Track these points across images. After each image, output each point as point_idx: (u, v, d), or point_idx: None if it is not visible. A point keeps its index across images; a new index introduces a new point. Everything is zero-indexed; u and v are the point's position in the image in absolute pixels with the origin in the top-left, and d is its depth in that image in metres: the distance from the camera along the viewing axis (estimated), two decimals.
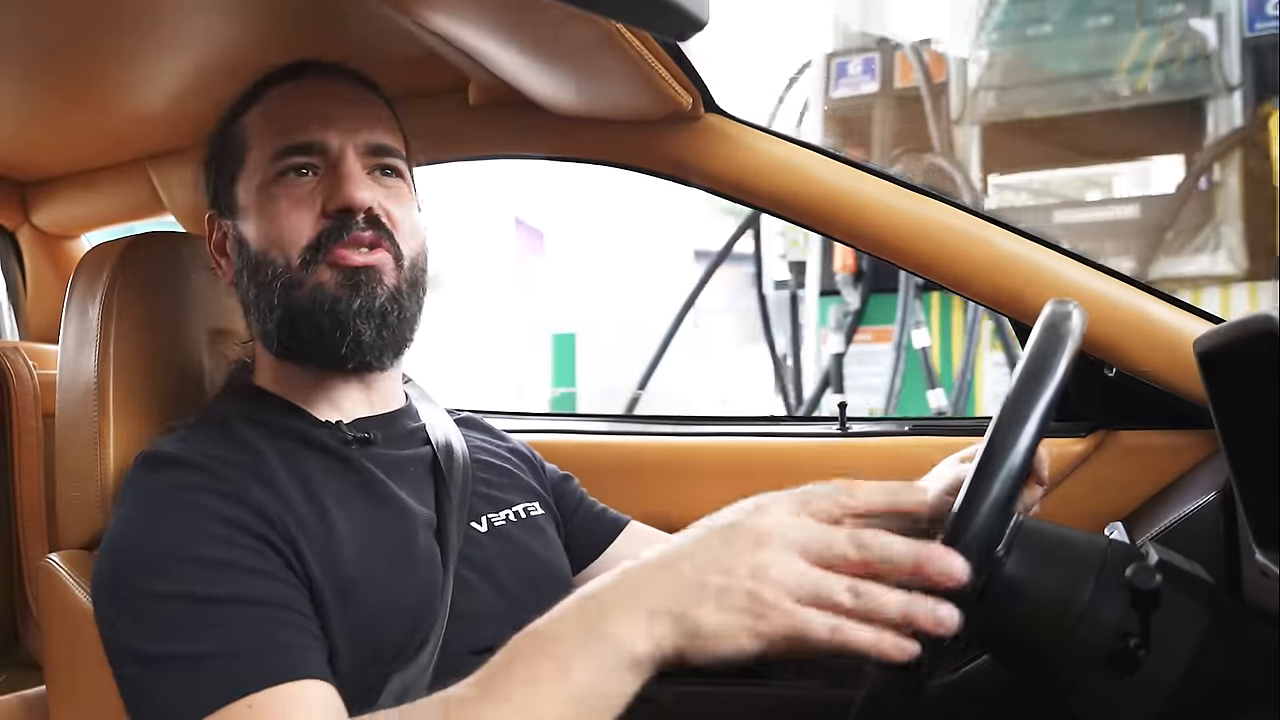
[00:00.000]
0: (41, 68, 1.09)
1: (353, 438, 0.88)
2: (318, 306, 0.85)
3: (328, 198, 0.85)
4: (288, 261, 0.85)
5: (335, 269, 0.85)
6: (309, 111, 0.88)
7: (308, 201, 0.86)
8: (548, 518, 0.99)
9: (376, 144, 0.90)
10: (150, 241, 0.98)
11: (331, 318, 0.85)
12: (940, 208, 1.14)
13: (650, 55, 0.97)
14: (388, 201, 0.88)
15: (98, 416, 0.91)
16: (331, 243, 0.85)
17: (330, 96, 0.90)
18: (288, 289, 0.85)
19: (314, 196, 0.86)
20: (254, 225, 0.88)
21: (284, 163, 0.87)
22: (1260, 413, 0.76)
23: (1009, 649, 0.77)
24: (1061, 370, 0.69)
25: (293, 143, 0.86)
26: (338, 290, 0.84)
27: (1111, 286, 1.11)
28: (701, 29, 0.52)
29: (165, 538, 0.74)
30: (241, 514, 0.75)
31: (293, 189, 0.86)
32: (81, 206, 1.52)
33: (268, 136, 0.88)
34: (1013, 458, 0.67)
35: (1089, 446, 1.15)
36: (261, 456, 0.82)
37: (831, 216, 1.16)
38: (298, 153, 0.86)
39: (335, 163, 0.86)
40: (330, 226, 0.85)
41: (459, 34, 0.95)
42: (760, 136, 1.16)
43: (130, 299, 0.93)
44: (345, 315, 0.84)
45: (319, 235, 0.85)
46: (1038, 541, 0.74)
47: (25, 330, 1.62)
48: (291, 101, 0.90)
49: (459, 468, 0.92)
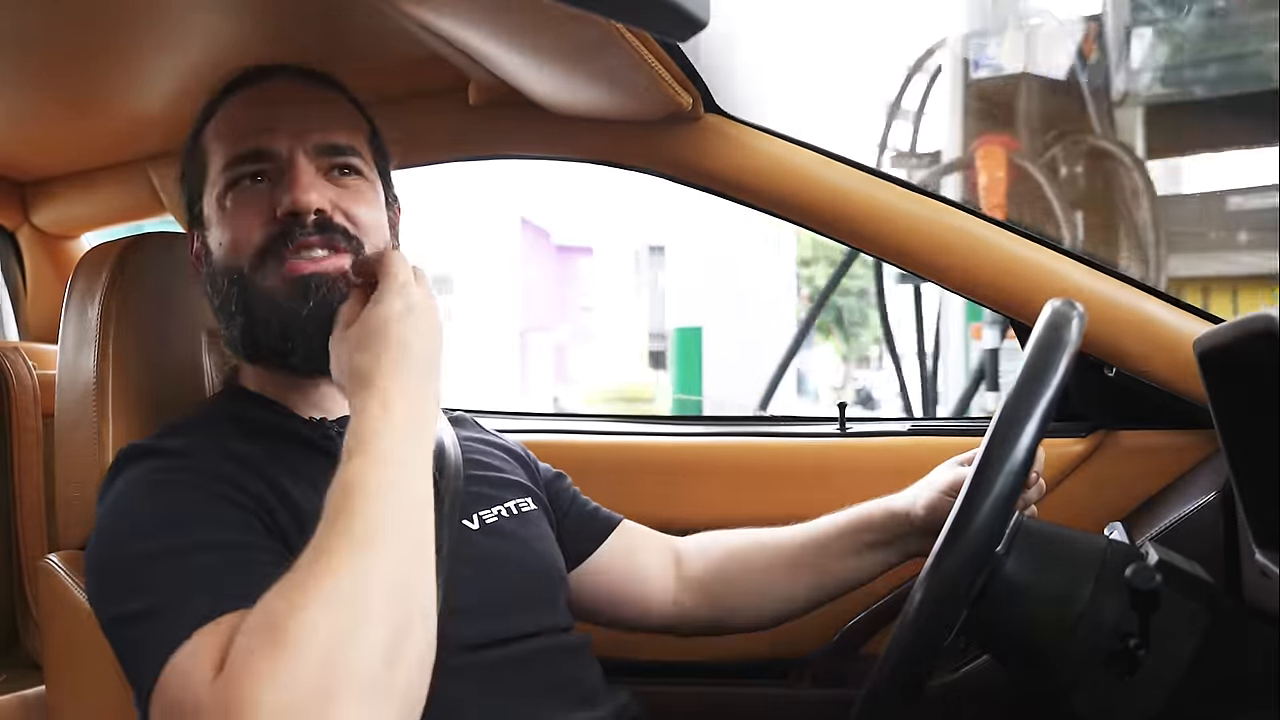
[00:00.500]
0: (42, 68, 1.09)
1: (337, 434, 0.87)
2: (271, 312, 0.85)
3: (277, 202, 0.84)
4: (240, 268, 0.85)
5: (281, 277, 0.84)
6: (258, 117, 0.87)
7: (258, 207, 0.85)
8: (540, 513, 0.99)
9: (329, 144, 0.88)
10: (150, 241, 0.98)
11: (283, 325, 0.84)
12: (941, 208, 1.14)
13: (650, 55, 0.97)
14: (345, 201, 0.87)
15: (97, 416, 0.91)
16: (280, 248, 0.84)
17: (281, 100, 0.89)
18: (243, 295, 0.85)
19: (265, 203, 0.85)
20: (215, 235, 0.88)
21: (235, 171, 0.86)
22: (1260, 413, 0.76)
23: (1009, 649, 0.77)
24: (1062, 370, 0.69)
25: (242, 150, 0.86)
26: (288, 297, 0.84)
27: (1111, 286, 1.11)
28: (702, 29, 0.52)
29: (134, 512, 0.76)
30: (215, 484, 0.77)
31: (244, 196, 0.86)
32: (81, 206, 1.52)
33: (222, 147, 0.88)
34: (1013, 457, 0.67)
35: (1089, 446, 1.15)
36: (242, 447, 0.83)
37: (832, 217, 1.16)
38: (248, 160, 0.86)
39: (285, 167, 0.86)
40: (277, 231, 0.84)
41: (459, 34, 0.95)
42: (760, 137, 1.16)
43: (130, 299, 0.93)
44: (294, 323, 0.84)
45: (267, 240, 0.84)
46: (1038, 541, 0.74)
47: (25, 330, 1.62)
48: (243, 108, 0.89)
49: (450, 465, 0.92)
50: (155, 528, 0.74)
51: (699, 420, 1.29)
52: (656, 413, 5.88)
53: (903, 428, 1.25)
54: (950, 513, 0.71)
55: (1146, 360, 1.10)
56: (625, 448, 1.29)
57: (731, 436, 1.26)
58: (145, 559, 0.72)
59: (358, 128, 0.92)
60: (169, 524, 0.74)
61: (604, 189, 10.10)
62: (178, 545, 0.72)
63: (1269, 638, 0.72)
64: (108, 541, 0.76)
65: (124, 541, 0.75)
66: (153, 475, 0.79)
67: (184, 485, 0.77)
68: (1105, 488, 1.14)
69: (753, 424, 1.18)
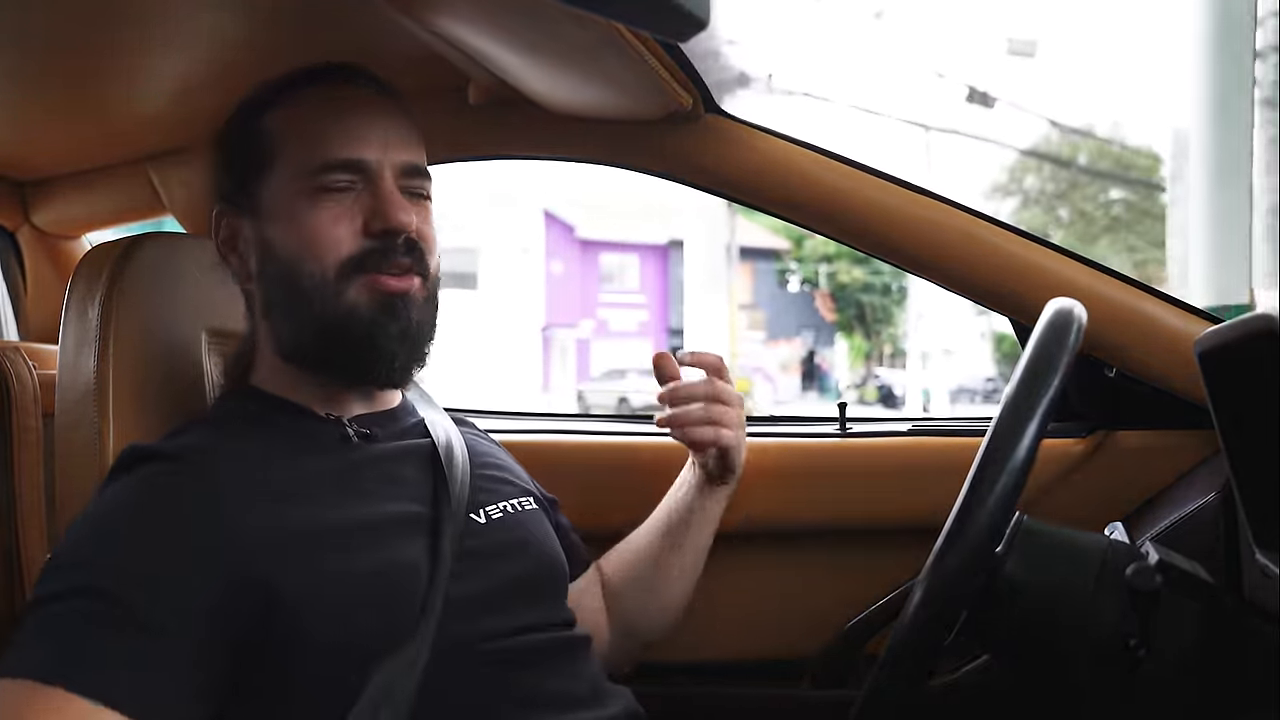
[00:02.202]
0: (41, 67, 1.09)
1: (354, 432, 0.89)
2: (356, 326, 0.86)
3: (371, 216, 0.86)
4: (323, 273, 0.86)
5: (372, 290, 0.86)
6: (350, 126, 0.88)
7: (347, 216, 0.86)
8: (541, 513, 1.00)
9: (411, 165, 0.90)
10: (150, 241, 0.97)
11: (369, 340, 0.86)
12: (941, 208, 1.14)
13: (650, 55, 0.97)
14: (420, 223, 0.89)
15: (97, 416, 0.91)
16: (372, 264, 0.86)
17: (367, 110, 0.90)
18: (323, 301, 0.86)
19: (353, 213, 0.86)
20: (285, 231, 0.87)
21: (327, 177, 0.86)
22: (1260, 413, 0.76)
23: (1009, 649, 0.77)
24: (1062, 370, 0.69)
25: (338, 156, 0.87)
26: (373, 312, 0.86)
27: (1111, 286, 1.11)
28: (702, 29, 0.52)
29: (91, 533, 0.76)
30: (192, 529, 0.76)
31: (333, 202, 0.86)
32: (81, 206, 1.51)
33: (305, 144, 0.87)
34: (1014, 457, 0.67)
35: (1089, 446, 1.15)
36: (252, 444, 0.83)
37: (832, 217, 1.16)
38: (341, 169, 0.87)
39: (375, 181, 0.87)
40: (372, 247, 0.86)
41: (459, 34, 0.95)
42: (760, 137, 1.16)
43: (130, 299, 0.93)
44: (383, 339, 0.86)
45: (360, 253, 0.86)
46: (1038, 541, 0.74)
47: (25, 330, 1.62)
48: (329, 111, 0.89)
49: (459, 463, 0.93)
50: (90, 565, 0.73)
51: None
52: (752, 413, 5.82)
53: (903, 428, 1.25)
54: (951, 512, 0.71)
55: (1146, 360, 1.10)
56: (626, 447, 1.29)
57: None
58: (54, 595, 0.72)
59: (423, 148, 0.94)
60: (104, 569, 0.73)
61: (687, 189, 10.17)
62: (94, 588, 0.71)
63: (1269, 638, 0.72)
64: (62, 547, 0.76)
65: (63, 556, 0.75)
66: (135, 495, 0.78)
67: (152, 530, 0.76)
68: (1105, 488, 1.14)
69: (752, 424, 1.18)
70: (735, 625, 1.25)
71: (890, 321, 24.37)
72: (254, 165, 0.90)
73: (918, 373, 17.17)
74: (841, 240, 1.18)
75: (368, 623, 0.78)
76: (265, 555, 0.76)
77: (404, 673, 0.78)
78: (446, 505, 0.88)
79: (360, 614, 0.78)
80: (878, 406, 20.89)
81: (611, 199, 22.14)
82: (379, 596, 0.80)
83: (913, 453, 1.21)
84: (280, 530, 0.78)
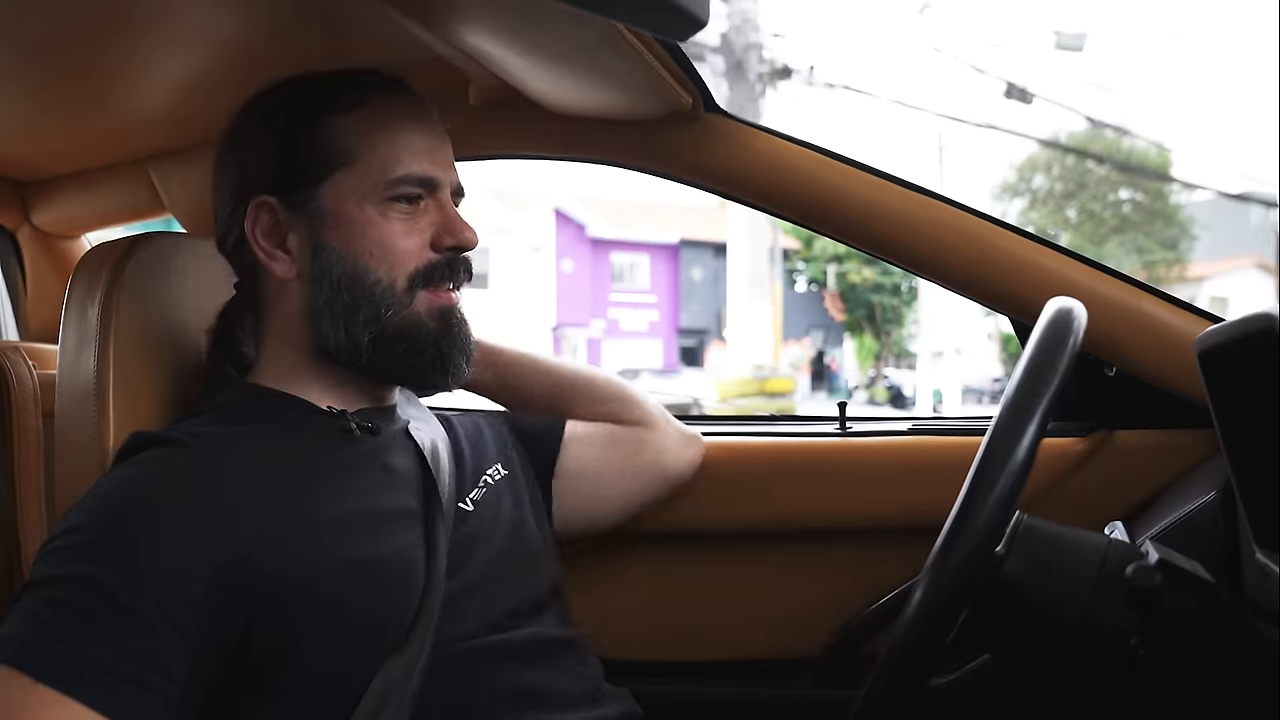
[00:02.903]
0: (42, 68, 1.08)
1: (355, 425, 0.90)
2: (423, 336, 0.89)
3: (443, 232, 0.90)
4: (392, 282, 0.88)
5: (430, 305, 0.90)
6: (422, 143, 0.91)
7: (419, 230, 0.90)
8: (510, 476, 1.02)
9: (460, 187, 0.95)
10: (150, 241, 0.97)
11: (437, 350, 0.90)
12: (940, 208, 1.14)
13: (650, 55, 0.97)
14: None
15: (97, 416, 0.91)
16: (438, 277, 0.90)
17: (433, 128, 0.94)
18: (389, 308, 0.88)
19: (421, 226, 0.90)
20: (350, 236, 0.88)
21: (402, 189, 0.89)
22: (1260, 413, 0.76)
23: (1009, 648, 0.77)
24: (1062, 370, 0.69)
25: (416, 172, 0.89)
26: (436, 325, 0.90)
27: (1111, 286, 1.11)
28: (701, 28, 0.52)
29: (90, 511, 0.76)
30: (195, 526, 0.76)
31: (403, 214, 0.89)
32: (81, 206, 1.51)
33: (380, 154, 0.89)
34: (1014, 457, 0.67)
35: (1089, 446, 1.15)
36: (255, 434, 0.84)
37: (831, 217, 1.16)
38: (416, 184, 0.90)
39: (439, 198, 0.92)
40: (441, 261, 0.90)
41: (459, 34, 0.95)
42: (760, 136, 1.16)
43: (130, 299, 0.93)
44: (451, 350, 0.91)
45: (428, 266, 0.89)
46: (1038, 541, 0.74)
47: (25, 330, 1.62)
48: (403, 125, 0.91)
49: (444, 459, 0.95)
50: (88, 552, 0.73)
51: (696, 420, 1.29)
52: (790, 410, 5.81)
53: (903, 427, 1.25)
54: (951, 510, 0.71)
55: (1146, 360, 1.10)
56: None
57: (730, 436, 1.26)
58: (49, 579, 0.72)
59: None
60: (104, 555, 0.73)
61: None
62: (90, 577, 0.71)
63: (1269, 638, 0.72)
64: (62, 529, 0.76)
65: (62, 539, 0.75)
66: (137, 479, 0.79)
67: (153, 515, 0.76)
68: (1105, 487, 1.14)
69: (752, 423, 1.18)
70: (735, 625, 1.25)
71: (900, 322, 24.37)
72: (316, 165, 0.89)
73: (927, 373, 17.17)
74: (841, 240, 1.18)
75: (365, 615, 0.79)
76: (264, 543, 0.77)
77: (404, 673, 0.78)
78: (437, 499, 0.89)
79: (357, 606, 0.79)
80: (887, 406, 20.88)
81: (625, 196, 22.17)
82: (377, 588, 0.80)
83: (913, 453, 1.21)
84: (280, 517, 0.79)
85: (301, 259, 0.89)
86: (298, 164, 0.89)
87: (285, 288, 0.91)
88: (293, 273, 0.90)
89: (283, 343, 0.92)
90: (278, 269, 0.90)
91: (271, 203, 0.89)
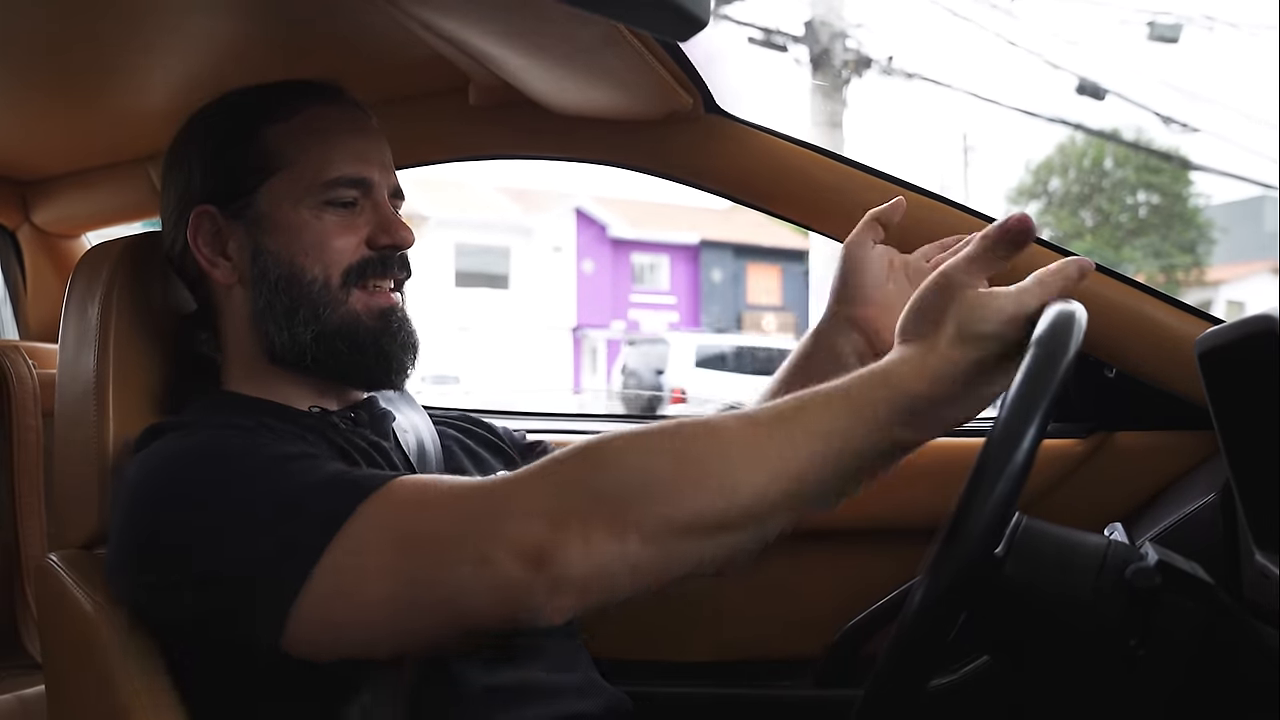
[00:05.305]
0: (42, 67, 1.09)
1: (340, 420, 0.91)
2: (362, 334, 0.90)
3: (379, 231, 0.91)
4: (326, 280, 0.89)
5: (370, 303, 0.90)
6: (356, 146, 0.92)
7: (354, 230, 0.91)
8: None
9: (397, 187, 0.96)
10: (150, 241, 0.98)
11: (378, 348, 0.90)
12: (941, 208, 1.14)
13: (650, 55, 0.97)
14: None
15: (97, 416, 0.91)
16: (371, 273, 0.90)
17: (367, 132, 0.94)
18: (325, 305, 0.89)
19: (356, 226, 0.91)
20: (287, 239, 0.89)
21: (336, 192, 0.90)
22: (1260, 413, 0.76)
23: (1008, 649, 0.77)
24: (1062, 371, 0.69)
25: (349, 174, 0.90)
26: (375, 322, 0.90)
27: (1111, 287, 1.11)
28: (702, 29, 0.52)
29: (197, 466, 0.77)
30: (260, 433, 0.80)
31: (338, 215, 0.90)
32: (81, 206, 1.52)
33: (313, 159, 0.90)
34: (1014, 459, 0.66)
35: (1089, 447, 1.15)
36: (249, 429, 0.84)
37: (832, 217, 1.16)
38: (349, 185, 0.91)
39: (375, 199, 0.92)
40: (375, 258, 0.91)
41: (460, 34, 0.95)
42: (760, 137, 1.16)
43: (130, 299, 0.93)
44: (392, 348, 0.91)
45: (362, 262, 0.90)
46: (1037, 542, 0.74)
47: (25, 330, 1.62)
48: (336, 129, 0.92)
49: (431, 456, 0.95)
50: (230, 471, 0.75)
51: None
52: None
53: None
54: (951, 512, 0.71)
55: (1146, 361, 1.10)
56: None
57: None
58: (242, 501, 0.73)
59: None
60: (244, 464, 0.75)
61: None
62: (275, 473, 0.74)
63: (1269, 638, 0.72)
64: (166, 507, 0.76)
65: (194, 497, 0.75)
66: (188, 440, 0.80)
67: (229, 437, 0.79)
68: (1105, 488, 1.14)
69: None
70: (735, 625, 1.25)
71: None
72: (253, 172, 0.90)
73: None
74: (841, 240, 1.18)
75: None
76: None
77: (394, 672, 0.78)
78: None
79: None
80: None
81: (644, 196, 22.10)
82: None
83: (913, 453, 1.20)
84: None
85: (241, 265, 0.91)
86: (236, 173, 0.91)
87: (230, 294, 0.93)
88: (234, 278, 0.92)
89: (240, 349, 0.93)
90: (219, 275, 0.92)
91: (212, 211, 0.91)
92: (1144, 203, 23.02)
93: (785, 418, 0.68)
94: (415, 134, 1.23)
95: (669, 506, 0.65)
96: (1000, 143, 42.89)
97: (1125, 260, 20.83)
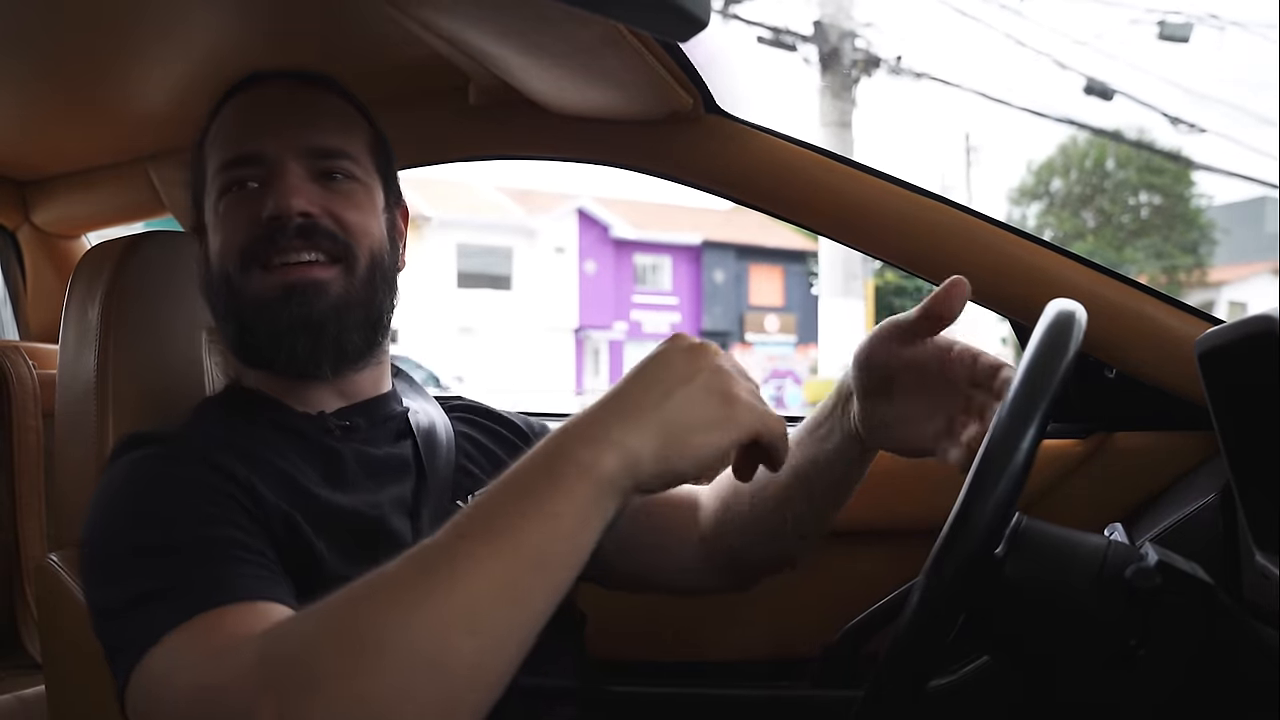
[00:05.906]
0: (42, 68, 1.09)
1: (334, 426, 0.89)
2: (257, 317, 0.86)
3: (263, 206, 0.85)
4: (229, 272, 0.86)
5: (269, 279, 0.85)
6: (250, 122, 0.88)
7: (248, 212, 0.85)
8: None
9: (319, 147, 0.87)
10: (150, 241, 0.98)
11: (269, 328, 0.85)
12: (940, 209, 1.14)
13: (650, 55, 0.97)
14: (335, 205, 0.87)
15: (97, 416, 0.91)
16: (265, 252, 0.85)
17: (273, 104, 0.89)
18: (232, 300, 0.87)
19: (255, 207, 0.85)
20: (211, 239, 0.89)
21: (228, 176, 0.87)
22: (1260, 413, 0.76)
23: (1008, 650, 0.77)
24: (1062, 371, 0.69)
25: (233, 155, 0.87)
26: (273, 301, 0.85)
27: (1111, 287, 1.11)
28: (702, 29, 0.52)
29: (128, 502, 0.76)
30: (207, 474, 0.77)
31: (236, 201, 0.87)
32: (81, 206, 1.52)
33: (217, 151, 0.89)
34: (1014, 460, 0.66)
35: (1089, 448, 1.15)
36: (239, 435, 0.84)
37: (832, 217, 1.16)
38: (239, 165, 0.86)
39: (277, 172, 0.86)
40: (262, 234, 0.84)
41: (460, 34, 0.95)
42: (760, 137, 1.16)
43: (130, 299, 0.93)
44: (279, 326, 0.85)
45: (251, 242, 0.85)
46: (1038, 542, 0.74)
47: (25, 330, 1.62)
48: (237, 113, 0.90)
49: (441, 452, 0.93)
50: (145, 520, 0.74)
51: None
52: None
53: None
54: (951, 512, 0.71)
55: (1146, 361, 1.10)
56: None
57: None
58: (138, 552, 0.72)
59: (353, 130, 0.92)
60: (159, 519, 0.74)
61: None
62: (174, 541, 0.72)
63: (1269, 638, 0.72)
64: (96, 531, 0.76)
65: (114, 532, 0.75)
66: (146, 465, 0.79)
67: (178, 478, 0.77)
68: (1105, 489, 1.13)
69: None
70: (735, 625, 1.25)
71: None
72: (199, 186, 0.91)
73: None
74: (842, 241, 1.18)
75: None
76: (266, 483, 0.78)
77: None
78: (426, 497, 0.88)
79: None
80: None
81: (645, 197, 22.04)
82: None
83: None
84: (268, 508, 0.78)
85: (202, 274, 0.92)
86: (195, 193, 0.92)
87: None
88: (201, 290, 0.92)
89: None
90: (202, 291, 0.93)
91: (196, 236, 0.93)
92: (1146, 203, 22.97)
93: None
94: (415, 134, 1.23)
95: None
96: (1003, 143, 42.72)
97: (1127, 261, 20.80)
